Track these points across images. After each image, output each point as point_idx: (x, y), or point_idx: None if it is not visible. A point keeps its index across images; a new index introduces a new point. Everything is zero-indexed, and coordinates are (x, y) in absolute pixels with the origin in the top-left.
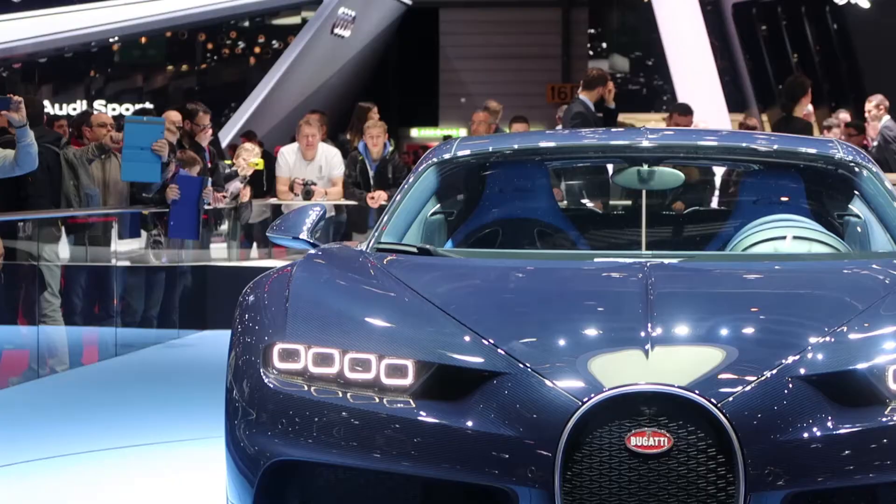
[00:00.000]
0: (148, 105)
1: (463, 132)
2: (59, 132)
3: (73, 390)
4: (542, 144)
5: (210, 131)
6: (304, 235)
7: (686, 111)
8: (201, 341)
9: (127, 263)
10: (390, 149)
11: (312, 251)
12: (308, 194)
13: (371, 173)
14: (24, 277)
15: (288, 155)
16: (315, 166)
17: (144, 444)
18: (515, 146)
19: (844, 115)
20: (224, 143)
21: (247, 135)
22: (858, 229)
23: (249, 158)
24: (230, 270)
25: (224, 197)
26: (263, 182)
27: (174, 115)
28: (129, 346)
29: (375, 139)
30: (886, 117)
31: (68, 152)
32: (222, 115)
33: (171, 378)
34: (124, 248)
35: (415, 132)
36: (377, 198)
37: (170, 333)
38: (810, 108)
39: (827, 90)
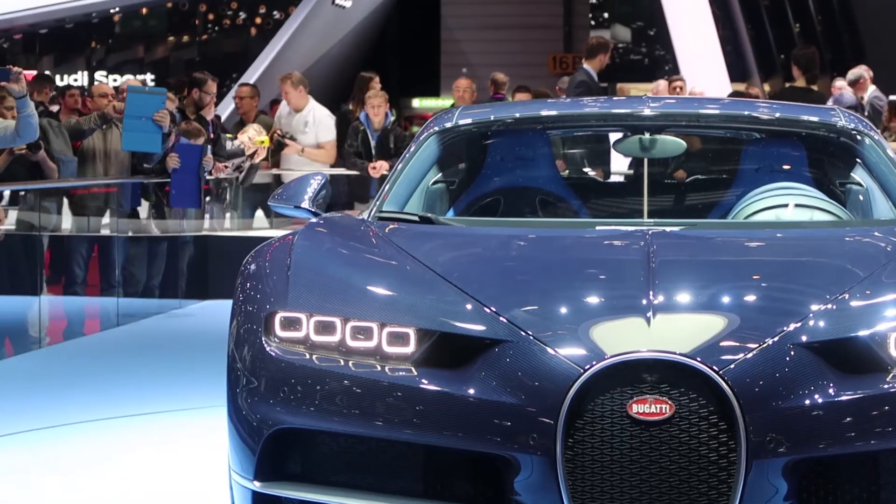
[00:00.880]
0: (149, 76)
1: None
2: (41, 99)
3: (75, 360)
4: (544, 113)
5: (214, 100)
6: (305, 204)
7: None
8: (203, 311)
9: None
10: (392, 118)
11: (314, 220)
12: (279, 146)
13: (372, 143)
14: (25, 247)
15: (283, 108)
16: (301, 120)
17: (146, 413)
18: (517, 115)
19: (842, 84)
20: (224, 115)
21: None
22: (860, 197)
23: (255, 137)
24: (232, 240)
25: (225, 167)
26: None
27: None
28: (131, 317)
29: (377, 109)
30: (872, 87)
31: (41, 120)
32: (223, 87)
33: (173, 348)
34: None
35: (416, 102)
36: (378, 167)
37: (172, 303)
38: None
39: (829, 59)
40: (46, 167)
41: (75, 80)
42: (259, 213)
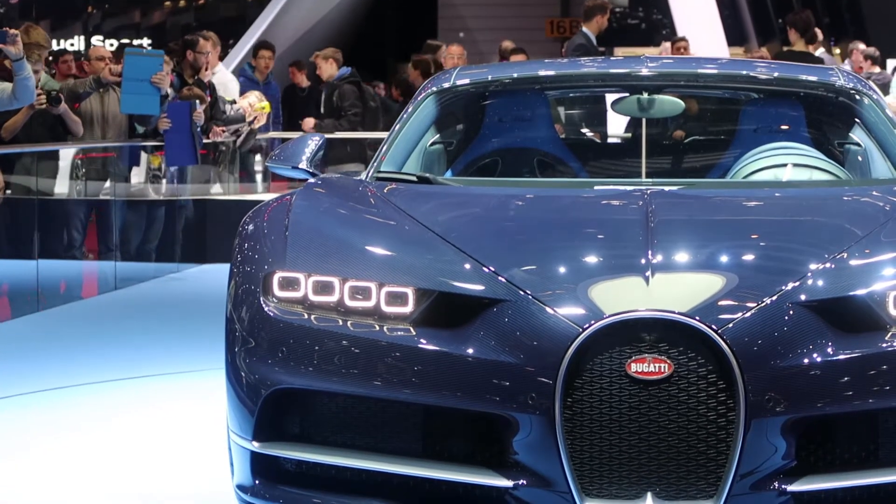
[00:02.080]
0: (146, 41)
1: None
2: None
3: (73, 323)
4: (542, 73)
5: (210, 60)
6: (303, 165)
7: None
8: (201, 275)
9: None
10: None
11: (312, 180)
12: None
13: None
14: (21, 210)
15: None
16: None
17: (144, 375)
18: (515, 75)
19: (862, 47)
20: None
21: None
22: (859, 158)
23: (256, 103)
24: (230, 204)
25: (223, 131)
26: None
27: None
28: (129, 280)
29: None
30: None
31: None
32: (222, 51)
33: (171, 311)
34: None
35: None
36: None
37: (169, 267)
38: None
39: (827, 24)
40: (69, 120)
41: (72, 44)
42: (258, 177)
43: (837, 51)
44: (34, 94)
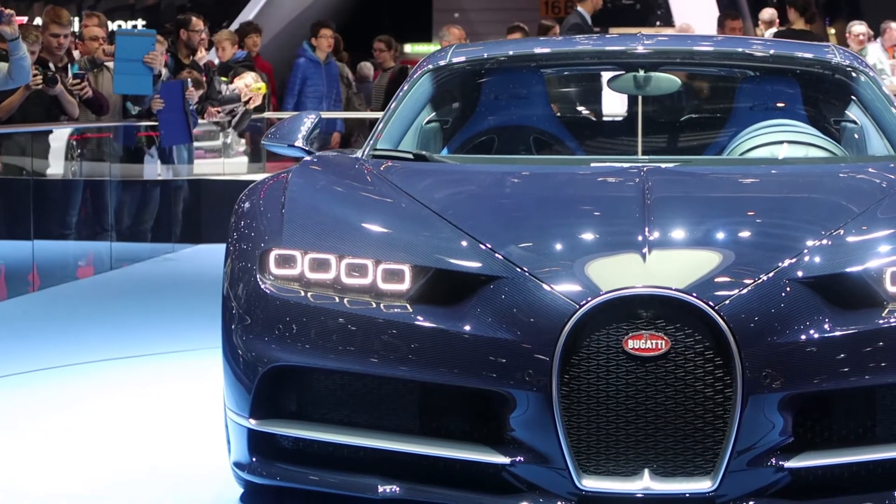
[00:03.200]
0: (140, 21)
1: None
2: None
3: (68, 303)
4: (538, 50)
5: (206, 38)
6: (299, 143)
7: (735, 16)
8: (196, 255)
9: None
10: None
11: (308, 158)
12: None
13: None
14: (16, 191)
15: None
16: None
17: (140, 355)
18: (510, 52)
19: (859, 27)
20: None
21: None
22: (855, 135)
23: (252, 84)
24: (225, 184)
25: (218, 112)
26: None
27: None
28: (124, 261)
29: None
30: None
31: None
32: (215, 33)
33: (167, 291)
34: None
35: (408, 48)
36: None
37: (165, 247)
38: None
39: (823, 3)
40: (65, 101)
41: None
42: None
43: (833, 31)
44: (29, 74)
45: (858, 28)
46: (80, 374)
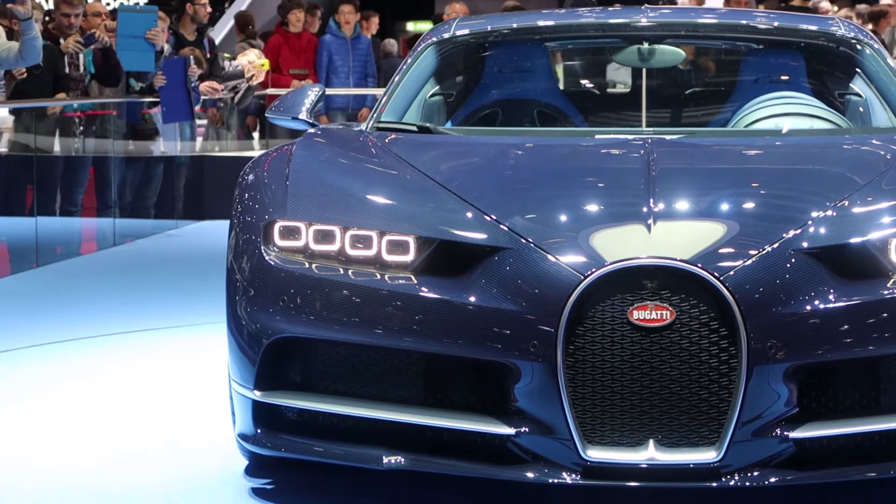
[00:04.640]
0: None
1: None
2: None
3: (72, 279)
4: (541, 23)
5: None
6: (303, 115)
7: None
8: (199, 231)
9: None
10: None
11: (312, 130)
12: None
13: None
14: (20, 167)
15: None
16: None
17: (144, 329)
18: (514, 25)
19: (826, 5)
20: (218, 40)
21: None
22: (860, 108)
23: (256, 60)
24: (228, 160)
25: (222, 88)
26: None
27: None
28: (128, 237)
29: None
30: None
31: None
32: (216, 11)
33: (170, 267)
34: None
35: (410, 26)
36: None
37: (168, 223)
38: None
39: None
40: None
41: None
42: (255, 133)
43: (836, 8)
44: (40, 54)
45: (825, 5)
46: (83, 348)
